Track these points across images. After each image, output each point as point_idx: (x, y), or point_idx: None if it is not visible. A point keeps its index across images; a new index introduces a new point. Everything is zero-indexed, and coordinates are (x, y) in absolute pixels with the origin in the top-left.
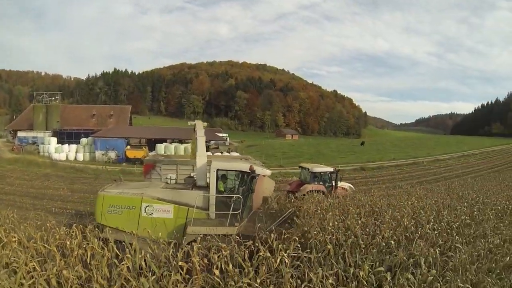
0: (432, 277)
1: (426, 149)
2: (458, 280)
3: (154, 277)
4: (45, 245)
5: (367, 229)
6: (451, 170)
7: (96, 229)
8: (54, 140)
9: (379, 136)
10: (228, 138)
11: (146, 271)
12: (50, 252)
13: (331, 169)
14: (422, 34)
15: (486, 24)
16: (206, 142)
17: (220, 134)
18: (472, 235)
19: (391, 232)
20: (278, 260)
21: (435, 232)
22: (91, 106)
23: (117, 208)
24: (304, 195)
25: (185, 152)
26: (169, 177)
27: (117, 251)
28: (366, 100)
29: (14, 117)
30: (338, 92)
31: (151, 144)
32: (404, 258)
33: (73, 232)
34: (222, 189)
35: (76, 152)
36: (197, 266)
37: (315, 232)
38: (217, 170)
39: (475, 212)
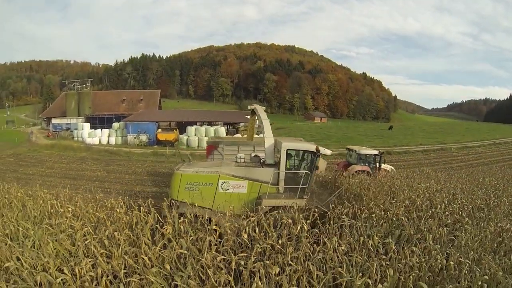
0: (435, 251)
1: (456, 136)
2: (458, 254)
3: (191, 238)
4: (96, 213)
5: (381, 206)
6: (480, 158)
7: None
8: (87, 125)
9: (409, 121)
10: (257, 121)
11: (185, 234)
12: (100, 220)
13: (376, 152)
14: (456, 13)
15: None
16: (235, 124)
17: (249, 117)
18: (484, 218)
19: (403, 209)
20: (299, 227)
21: (446, 213)
22: (121, 92)
23: (194, 185)
24: (352, 174)
25: (215, 133)
26: (239, 157)
27: (159, 217)
28: (396, 83)
29: (47, 105)
30: (368, 74)
31: (181, 127)
32: (412, 232)
33: (119, 203)
34: (289, 167)
35: (109, 136)
36: (228, 230)
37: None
38: (287, 149)
39: (492, 198)
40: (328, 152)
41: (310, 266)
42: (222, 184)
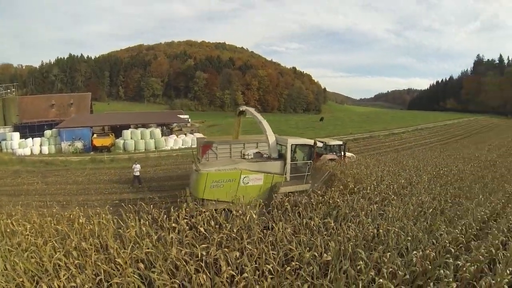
0: (368, 224)
1: (383, 124)
2: (387, 225)
3: (156, 237)
4: (57, 226)
5: (319, 191)
6: (405, 143)
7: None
8: (16, 135)
9: (338, 112)
10: (189, 119)
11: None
12: (61, 233)
13: (341, 142)
14: (381, 11)
15: (443, 4)
16: (169, 124)
17: (182, 116)
18: (407, 194)
19: (338, 193)
20: (248, 217)
21: (376, 192)
22: (50, 96)
23: (219, 182)
24: (324, 163)
25: (151, 135)
26: (247, 153)
27: (120, 222)
28: (325, 76)
29: None
30: (297, 68)
31: (116, 131)
32: (347, 211)
33: (75, 213)
34: (294, 159)
35: (41, 145)
36: (185, 226)
37: None
38: (292, 144)
39: (414, 177)
40: (321, 144)
41: (264, 248)
42: (243, 179)
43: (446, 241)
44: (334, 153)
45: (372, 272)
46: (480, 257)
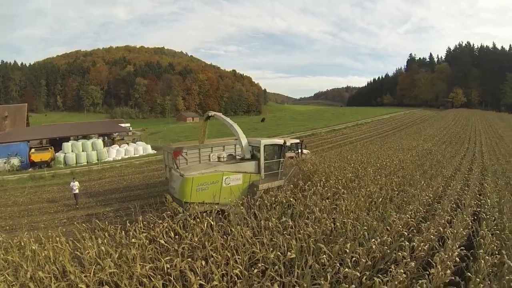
0: (324, 219)
1: (324, 121)
2: (342, 218)
3: (116, 255)
4: (7, 256)
5: (270, 192)
6: (346, 138)
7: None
8: None
9: (279, 112)
10: (130, 128)
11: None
12: (13, 262)
13: (298, 140)
14: (319, 14)
15: (377, 8)
16: (110, 134)
17: (123, 125)
18: (356, 187)
19: (289, 192)
20: (205, 224)
21: (326, 188)
22: None
23: (204, 185)
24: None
25: (92, 147)
26: (222, 156)
27: (76, 243)
28: (265, 77)
29: None
30: (237, 71)
31: (55, 144)
32: (301, 209)
33: (26, 239)
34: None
35: None
36: (145, 240)
37: None
38: (264, 145)
39: (360, 170)
40: (288, 143)
41: (227, 253)
42: (225, 180)
43: (399, 226)
44: (292, 151)
45: (337, 263)
46: (431, 236)
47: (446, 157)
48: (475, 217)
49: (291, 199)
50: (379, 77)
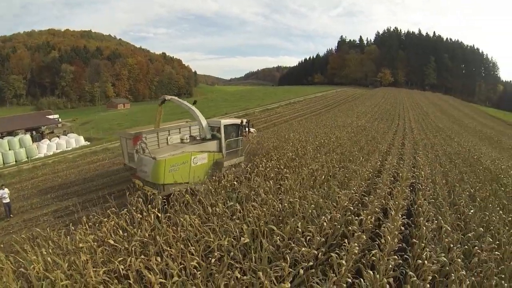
0: (270, 200)
1: (256, 100)
2: (289, 198)
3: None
4: None
5: (215, 177)
6: (280, 116)
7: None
8: None
9: (210, 93)
10: (60, 119)
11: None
12: None
13: (245, 120)
14: None
15: None
16: (38, 128)
17: (51, 117)
18: (297, 165)
19: (232, 175)
20: (152, 217)
21: (267, 169)
22: None
23: (175, 166)
24: None
25: (20, 144)
26: (186, 137)
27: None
28: (195, 59)
29: None
30: (167, 54)
31: None
32: (246, 191)
33: None
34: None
35: None
36: (92, 243)
37: None
38: (224, 125)
39: (299, 149)
40: (244, 121)
41: (180, 245)
42: (193, 160)
43: (345, 202)
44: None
45: (292, 243)
46: (376, 209)
47: (379, 133)
48: (412, 188)
49: (235, 182)
50: (310, 57)
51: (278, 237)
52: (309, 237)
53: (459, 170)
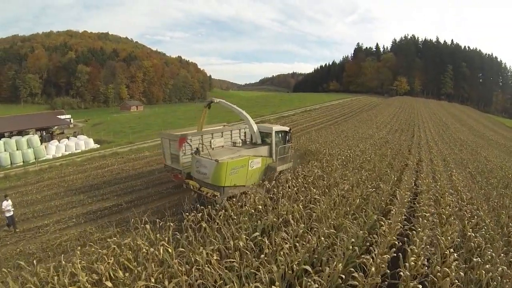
0: (302, 230)
1: (271, 107)
2: (324, 228)
3: None
4: None
5: (233, 200)
6: (296, 125)
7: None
8: None
9: (225, 98)
10: (71, 120)
11: None
12: None
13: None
14: (267, 1)
15: None
16: (49, 128)
17: (63, 117)
18: (326, 185)
19: (252, 199)
20: (161, 250)
21: (295, 188)
22: None
23: (235, 169)
24: None
25: (28, 145)
26: (238, 142)
27: None
28: (210, 63)
29: None
30: (183, 57)
31: None
32: (274, 219)
33: None
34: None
35: None
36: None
37: None
38: (275, 131)
39: (324, 164)
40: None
41: None
42: (250, 163)
43: (391, 236)
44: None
45: None
46: (427, 246)
47: (403, 146)
48: (455, 215)
49: (259, 206)
50: (326, 64)
51: (315, 285)
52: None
53: (497, 191)
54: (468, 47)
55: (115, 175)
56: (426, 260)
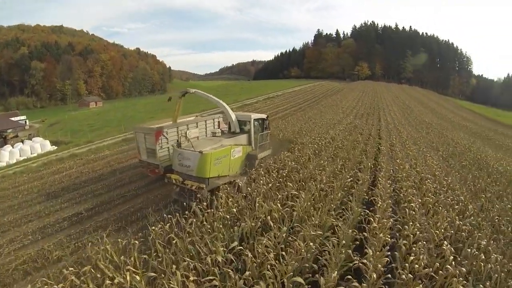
0: (285, 234)
1: (233, 96)
2: (310, 230)
3: None
4: None
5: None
6: (260, 112)
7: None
8: None
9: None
10: (27, 121)
11: None
12: None
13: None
14: None
15: None
16: (2, 133)
17: (16, 118)
18: (302, 178)
19: (224, 201)
20: (128, 277)
21: (269, 184)
22: None
23: (219, 159)
24: None
25: None
26: (217, 132)
27: None
28: (170, 54)
29: None
30: (141, 49)
31: None
32: (253, 224)
33: None
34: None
35: None
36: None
37: None
38: (253, 119)
39: (297, 154)
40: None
41: None
42: (232, 153)
43: (384, 234)
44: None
45: None
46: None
47: (373, 130)
48: (438, 202)
49: (234, 210)
50: (286, 50)
51: None
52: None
53: (472, 174)
54: (426, 33)
55: (73, 180)
56: (424, 257)
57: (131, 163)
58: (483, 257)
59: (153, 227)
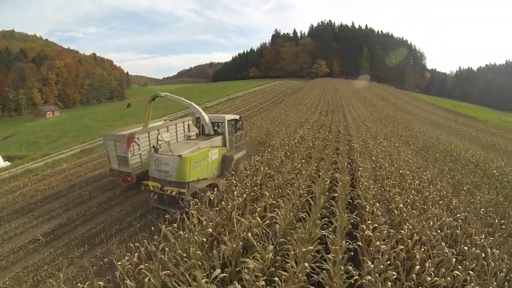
0: (271, 252)
1: (193, 99)
2: (301, 246)
3: None
4: None
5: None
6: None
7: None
8: None
9: (144, 95)
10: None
11: None
12: None
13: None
14: None
15: None
16: None
17: None
18: (278, 184)
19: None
20: None
21: (244, 195)
22: None
23: (197, 163)
24: None
25: None
26: (192, 135)
27: None
28: (127, 59)
29: None
30: (97, 54)
31: None
32: (234, 245)
33: None
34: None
35: None
36: None
37: None
38: (228, 120)
39: (268, 157)
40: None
41: None
42: (209, 155)
43: (380, 244)
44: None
45: None
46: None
47: (341, 127)
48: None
49: (209, 230)
50: (244, 51)
51: None
52: None
53: (448, 167)
54: (381, 31)
55: (28, 200)
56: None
57: (90, 176)
58: (483, 255)
59: (119, 262)
